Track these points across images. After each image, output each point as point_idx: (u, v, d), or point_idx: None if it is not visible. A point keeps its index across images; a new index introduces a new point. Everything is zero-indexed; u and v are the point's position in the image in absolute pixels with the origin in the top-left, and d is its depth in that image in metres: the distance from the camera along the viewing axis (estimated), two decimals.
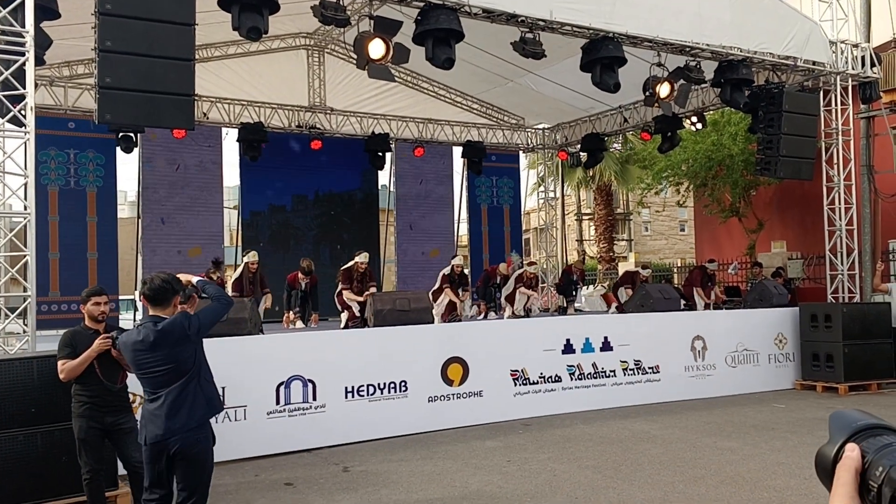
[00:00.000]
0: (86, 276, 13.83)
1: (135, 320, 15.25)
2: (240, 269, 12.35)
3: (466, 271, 15.20)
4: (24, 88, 7.41)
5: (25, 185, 7.51)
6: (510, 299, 13.81)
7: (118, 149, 14.29)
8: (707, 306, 14.02)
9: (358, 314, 11.36)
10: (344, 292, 11.72)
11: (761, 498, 6.10)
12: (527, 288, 13.70)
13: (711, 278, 14.80)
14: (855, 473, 0.84)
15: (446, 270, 13.32)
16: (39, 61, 8.20)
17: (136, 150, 14.58)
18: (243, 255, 12.93)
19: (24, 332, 7.38)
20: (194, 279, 4.75)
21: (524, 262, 15.70)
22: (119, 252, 14.76)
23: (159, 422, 4.24)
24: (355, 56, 9.66)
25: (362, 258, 11.95)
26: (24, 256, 7.42)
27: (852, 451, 0.86)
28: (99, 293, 5.54)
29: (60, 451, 5.98)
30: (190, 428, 4.25)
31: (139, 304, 13.67)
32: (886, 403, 10.26)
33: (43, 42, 8.20)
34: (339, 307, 12.14)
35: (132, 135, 14.13)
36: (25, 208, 7.52)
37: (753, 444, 8.10)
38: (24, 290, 7.44)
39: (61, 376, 5.32)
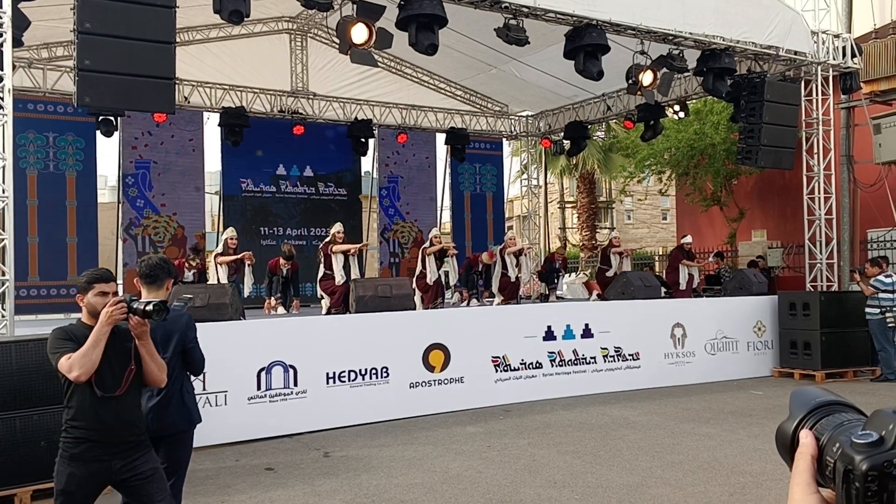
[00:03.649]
0: (65, 261, 13.73)
1: None
2: (221, 247, 12.29)
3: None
4: (2, 70, 7.32)
5: (3, 168, 7.43)
6: (501, 288, 13.77)
7: (98, 132, 14.18)
8: (699, 273, 14.13)
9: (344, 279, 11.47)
10: (334, 247, 11.83)
11: (737, 483, 6.18)
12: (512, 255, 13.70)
13: (689, 254, 14.84)
14: (811, 460, 0.87)
15: (426, 245, 13.38)
16: (17, 43, 8.11)
17: (116, 134, 14.48)
18: (222, 235, 12.90)
19: (3, 316, 7.32)
20: None
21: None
22: (99, 237, 14.64)
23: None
24: (338, 41, 9.61)
25: (337, 227, 12.12)
26: (2, 240, 7.35)
27: (806, 438, 0.88)
28: (107, 279, 3.78)
29: (39, 436, 5.95)
30: (169, 427, 4.27)
31: (120, 290, 13.58)
32: (862, 391, 10.40)
33: (21, 23, 8.11)
34: (321, 293, 12.14)
35: (112, 118, 14.02)
36: (3, 192, 7.44)
37: (731, 430, 8.19)
38: (3, 274, 7.38)
39: (74, 374, 3.43)
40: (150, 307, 3.47)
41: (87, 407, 3.51)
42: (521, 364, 10.10)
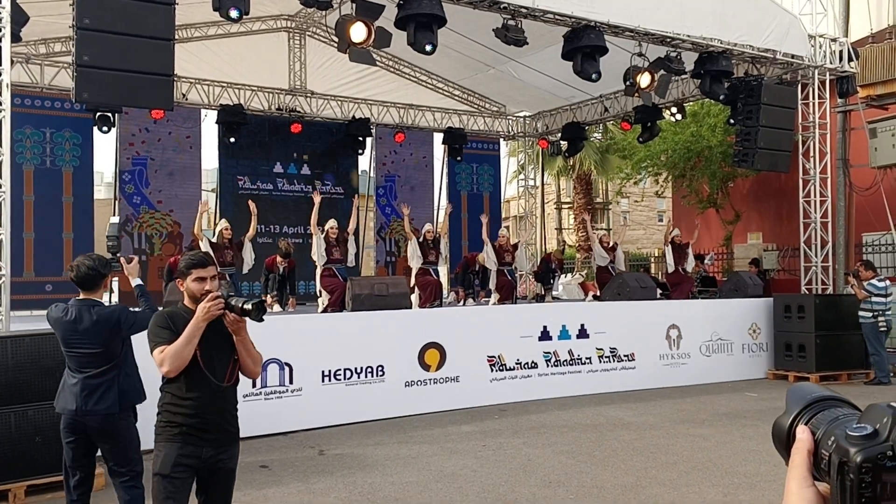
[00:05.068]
0: (61, 257, 13.69)
1: (109, 301, 15.13)
2: (216, 238, 12.20)
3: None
4: (0, 65, 7.31)
5: (0, 163, 7.42)
6: (497, 288, 13.71)
7: (95, 129, 14.15)
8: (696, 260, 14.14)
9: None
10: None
11: (731, 483, 6.20)
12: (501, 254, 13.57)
13: (680, 246, 14.53)
14: (807, 454, 0.88)
15: (419, 239, 13.34)
16: (15, 38, 8.09)
17: (113, 131, 14.45)
18: (216, 228, 12.82)
19: None
20: (135, 282, 4.96)
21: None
22: (95, 233, 14.61)
23: (71, 397, 4.41)
24: (336, 39, 9.62)
25: (331, 224, 12.03)
26: None
27: (802, 434, 0.89)
28: (204, 263, 3.69)
29: (34, 432, 5.95)
30: (98, 412, 4.39)
31: (115, 286, 13.56)
32: (855, 393, 10.43)
33: (19, 18, 8.10)
34: (321, 289, 12.10)
35: (110, 114, 13.99)
36: (0, 187, 7.43)
37: (725, 431, 8.22)
38: None
39: (164, 369, 3.43)
40: (248, 305, 3.38)
41: (185, 394, 3.47)
42: (516, 364, 10.11)
